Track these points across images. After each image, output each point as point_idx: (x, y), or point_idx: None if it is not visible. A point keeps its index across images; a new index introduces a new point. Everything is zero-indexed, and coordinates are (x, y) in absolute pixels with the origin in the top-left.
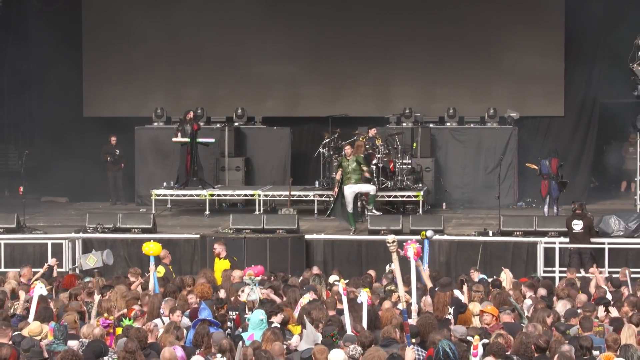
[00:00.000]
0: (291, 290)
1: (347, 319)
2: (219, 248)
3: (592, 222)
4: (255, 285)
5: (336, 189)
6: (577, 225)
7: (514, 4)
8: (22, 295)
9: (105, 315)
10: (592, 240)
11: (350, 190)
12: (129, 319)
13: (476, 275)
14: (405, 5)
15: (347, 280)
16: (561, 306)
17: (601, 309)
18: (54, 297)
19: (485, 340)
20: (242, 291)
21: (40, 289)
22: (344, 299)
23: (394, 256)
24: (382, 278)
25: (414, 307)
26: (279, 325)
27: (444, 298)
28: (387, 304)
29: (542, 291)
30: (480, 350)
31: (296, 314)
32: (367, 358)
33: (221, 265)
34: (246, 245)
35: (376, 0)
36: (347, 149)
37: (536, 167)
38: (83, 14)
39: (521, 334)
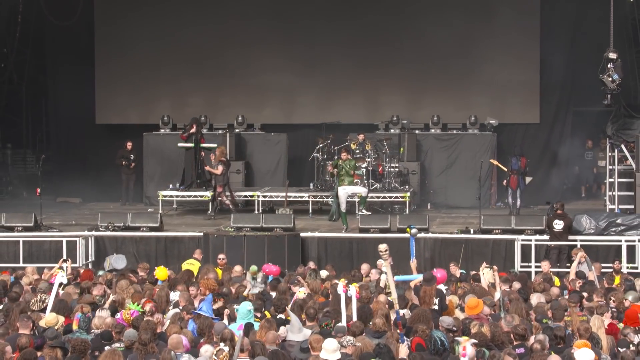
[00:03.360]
0: (282, 284)
1: (343, 315)
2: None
3: (571, 222)
4: (256, 281)
5: (334, 170)
6: (558, 225)
7: (493, 20)
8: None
9: (129, 306)
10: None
11: (344, 191)
12: (139, 307)
13: (456, 270)
14: (393, 20)
15: (350, 282)
16: (535, 299)
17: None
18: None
19: (473, 341)
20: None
21: (61, 277)
22: (343, 296)
23: (386, 263)
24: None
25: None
26: (280, 316)
27: (430, 291)
28: (382, 298)
29: (516, 285)
30: (469, 350)
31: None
32: (360, 346)
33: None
34: (246, 243)
35: (366, 17)
36: (344, 154)
37: (505, 168)
38: (95, 29)
39: (492, 324)
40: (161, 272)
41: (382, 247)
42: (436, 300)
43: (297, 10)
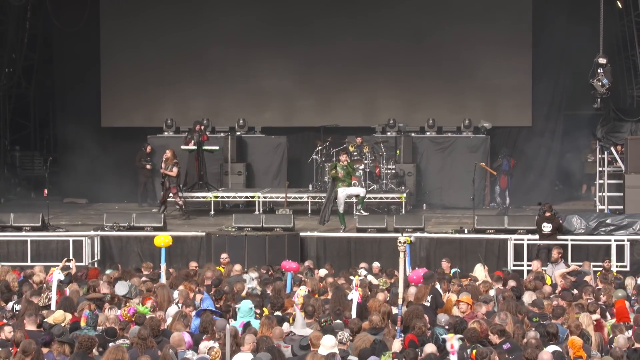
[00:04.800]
0: (277, 283)
1: (354, 309)
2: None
3: (560, 223)
4: (253, 280)
5: (333, 172)
6: (547, 228)
7: (487, 26)
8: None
9: (129, 304)
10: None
11: (343, 193)
12: (145, 307)
13: (447, 267)
14: (390, 27)
15: (355, 279)
16: (527, 296)
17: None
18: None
19: (459, 336)
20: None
21: (58, 274)
22: (355, 293)
23: (401, 256)
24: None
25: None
26: (280, 314)
27: (425, 289)
28: (380, 296)
29: (511, 283)
30: (456, 345)
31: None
32: (357, 342)
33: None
34: (247, 242)
35: (363, 25)
36: (343, 156)
37: (494, 172)
38: (101, 35)
39: (485, 322)
40: (162, 239)
41: (401, 239)
42: (429, 298)
43: (296, 17)
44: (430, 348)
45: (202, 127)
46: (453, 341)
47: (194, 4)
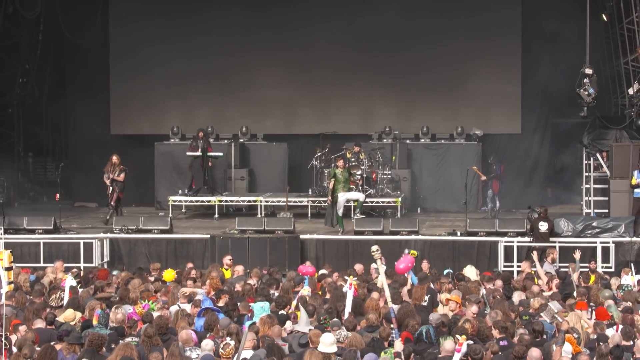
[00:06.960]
0: (286, 282)
1: (347, 309)
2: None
3: (553, 224)
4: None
5: (330, 198)
6: (543, 226)
7: (478, 39)
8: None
9: (141, 301)
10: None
11: (343, 197)
12: (152, 303)
13: (427, 268)
14: (386, 39)
15: (354, 278)
16: (517, 296)
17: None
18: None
19: (470, 342)
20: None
21: (70, 280)
22: (349, 292)
23: (379, 262)
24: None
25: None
26: (284, 312)
27: (421, 289)
28: (375, 295)
29: (499, 282)
30: (464, 349)
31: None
32: (350, 340)
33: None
34: (249, 244)
35: (361, 37)
36: (340, 162)
37: (483, 176)
38: (111, 47)
39: (477, 320)
40: (167, 275)
41: (374, 247)
42: (426, 297)
43: (296, 28)
44: (448, 345)
45: (204, 134)
46: (464, 343)
47: (200, 17)
